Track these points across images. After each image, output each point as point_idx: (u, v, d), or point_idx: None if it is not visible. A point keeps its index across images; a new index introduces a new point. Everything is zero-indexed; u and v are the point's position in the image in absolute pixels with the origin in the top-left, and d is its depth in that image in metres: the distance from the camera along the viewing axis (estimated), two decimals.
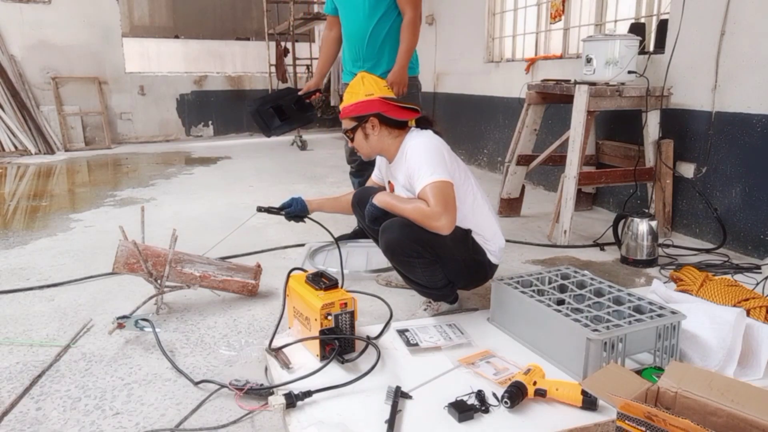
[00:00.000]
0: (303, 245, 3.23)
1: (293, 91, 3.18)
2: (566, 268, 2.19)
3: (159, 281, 2.32)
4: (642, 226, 2.89)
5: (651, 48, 3.73)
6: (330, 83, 8.43)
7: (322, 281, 1.91)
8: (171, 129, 8.85)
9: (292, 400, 1.57)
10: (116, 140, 8.29)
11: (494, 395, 1.63)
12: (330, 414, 1.57)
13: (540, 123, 3.91)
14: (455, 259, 2.10)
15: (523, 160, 3.94)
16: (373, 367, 1.73)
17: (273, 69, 8.70)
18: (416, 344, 1.95)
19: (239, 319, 2.31)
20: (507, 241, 2.28)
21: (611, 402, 1.32)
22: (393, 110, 2.14)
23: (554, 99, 3.74)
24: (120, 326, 2.07)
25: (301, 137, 7.66)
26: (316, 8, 8.64)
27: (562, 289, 2.06)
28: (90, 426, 1.61)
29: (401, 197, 2.11)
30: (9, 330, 2.21)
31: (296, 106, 3.15)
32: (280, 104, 3.11)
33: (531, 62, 4.92)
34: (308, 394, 1.60)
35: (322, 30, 10.29)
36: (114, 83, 8.23)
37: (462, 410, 1.54)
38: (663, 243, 3.14)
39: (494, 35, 5.69)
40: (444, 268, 2.11)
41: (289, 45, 7.89)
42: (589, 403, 1.56)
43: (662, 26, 3.57)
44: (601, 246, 3.23)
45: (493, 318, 2.16)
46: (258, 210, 2.39)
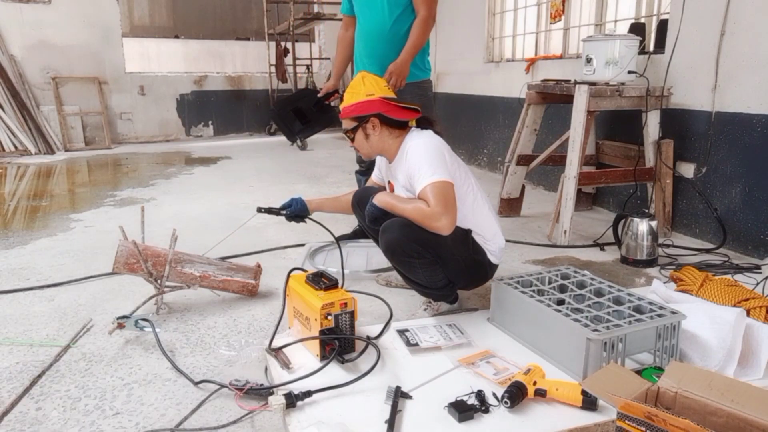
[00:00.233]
0: (303, 245, 3.23)
1: (312, 93, 3.15)
2: (566, 268, 2.20)
3: (159, 281, 2.32)
4: (642, 226, 2.89)
5: (651, 48, 3.73)
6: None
7: (322, 281, 1.91)
8: (171, 129, 8.85)
9: (292, 400, 1.58)
10: (116, 140, 8.28)
11: (494, 395, 1.63)
12: (330, 414, 1.57)
13: (540, 123, 3.91)
14: (455, 259, 2.10)
15: (523, 160, 3.94)
16: (373, 367, 1.73)
17: (273, 69, 8.70)
18: (416, 344, 1.95)
19: (239, 319, 2.31)
20: (507, 241, 2.28)
21: (611, 402, 1.32)
22: (394, 110, 2.14)
23: (554, 99, 3.74)
24: (120, 326, 2.07)
25: (301, 138, 7.65)
26: (316, 8, 8.65)
27: (562, 289, 2.06)
28: (90, 426, 1.61)
29: (401, 197, 2.11)
30: (9, 330, 2.21)
31: (316, 108, 3.13)
32: (300, 107, 3.09)
33: (531, 62, 4.92)
34: (308, 394, 1.60)
35: (322, 30, 10.31)
36: (114, 83, 8.22)
37: (462, 410, 1.54)
38: (663, 243, 3.14)
39: (494, 35, 5.69)
40: (444, 268, 2.11)
41: (289, 45, 7.90)
42: (589, 403, 1.56)
43: (662, 26, 3.57)
44: (601, 246, 3.23)
45: (493, 318, 2.16)
46: (258, 211, 2.39)
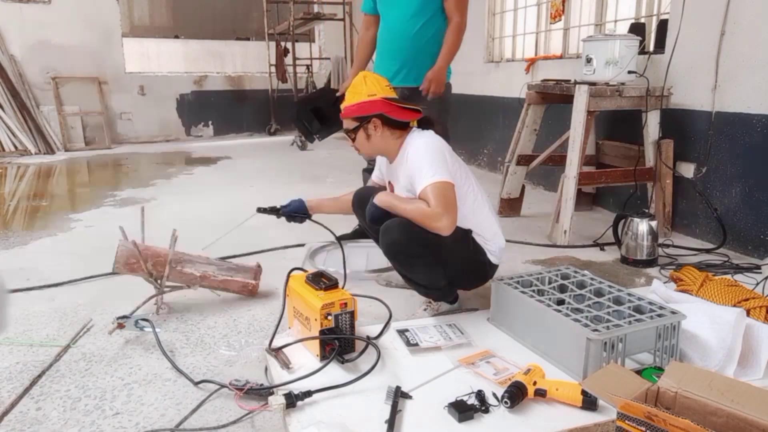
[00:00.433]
0: (303, 245, 3.23)
1: (331, 92, 3.13)
2: (566, 268, 2.20)
3: (159, 281, 2.32)
4: (642, 226, 2.89)
5: (651, 48, 3.73)
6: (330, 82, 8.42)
7: (322, 281, 1.91)
8: (171, 129, 8.85)
9: (292, 400, 1.58)
10: (116, 140, 8.28)
11: (494, 395, 1.63)
12: (330, 414, 1.57)
13: (540, 123, 3.91)
14: (456, 260, 2.10)
15: (523, 160, 3.94)
16: (373, 367, 1.73)
17: (273, 69, 8.70)
18: (416, 344, 1.95)
19: (239, 319, 2.31)
20: (507, 241, 2.28)
21: (611, 402, 1.32)
22: (395, 111, 2.13)
23: (554, 99, 3.74)
24: (120, 326, 2.07)
25: (301, 137, 7.65)
26: (316, 8, 8.64)
27: (562, 289, 2.06)
28: (90, 426, 1.61)
29: (402, 197, 2.11)
30: (9, 330, 2.21)
31: (335, 108, 3.13)
32: (319, 106, 3.07)
33: (531, 62, 4.92)
34: (308, 394, 1.60)
35: (322, 30, 10.31)
36: (114, 83, 8.22)
37: (462, 410, 1.54)
38: (663, 243, 3.14)
39: (494, 35, 5.69)
40: (444, 269, 2.11)
41: (289, 45, 7.89)
42: (589, 403, 1.56)
43: (662, 26, 3.57)
44: (601, 246, 3.23)
45: (493, 318, 2.16)
46: (258, 211, 2.39)
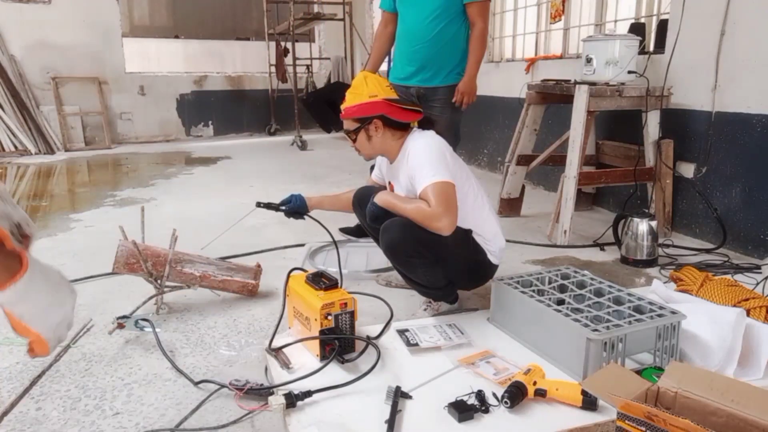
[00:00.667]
0: (303, 245, 3.23)
1: (345, 87, 3.16)
2: (566, 268, 2.19)
3: (159, 281, 2.32)
4: (642, 226, 2.89)
5: (651, 48, 3.73)
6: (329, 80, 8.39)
7: (322, 281, 1.91)
8: (171, 129, 8.85)
9: (292, 400, 1.57)
10: (116, 140, 8.28)
11: (494, 395, 1.63)
12: (330, 414, 1.57)
13: (540, 123, 3.91)
14: (456, 260, 2.10)
15: (523, 160, 3.94)
16: (373, 367, 1.73)
17: (273, 69, 8.69)
18: (416, 344, 1.95)
19: (239, 319, 2.31)
20: (507, 241, 2.28)
21: (611, 402, 1.32)
22: (396, 112, 2.13)
23: (554, 99, 3.74)
24: (120, 326, 2.07)
25: (301, 137, 7.65)
26: (316, 8, 8.64)
27: (562, 289, 2.06)
28: (90, 426, 1.61)
29: (403, 197, 2.11)
30: (9, 330, 2.21)
31: None
32: (334, 99, 3.09)
33: (531, 62, 4.92)
34: (308, 394, 1.60)
35: (322, 30, 10.29)
36: (114, 83, 8.22)
37: (462, 410, 1.54)
38: (663, 243, 3.14)
39: (494, 35, 5.69)
40: (444, 268, 2.11)
41: (289, 45, 7.89)
42: (589, 403, 1.56)
43: (662, 26, 3.57)
44: (601, 246, 3.23)
45: (493, 318, 2.16)
46: (257, 205, 2.37)
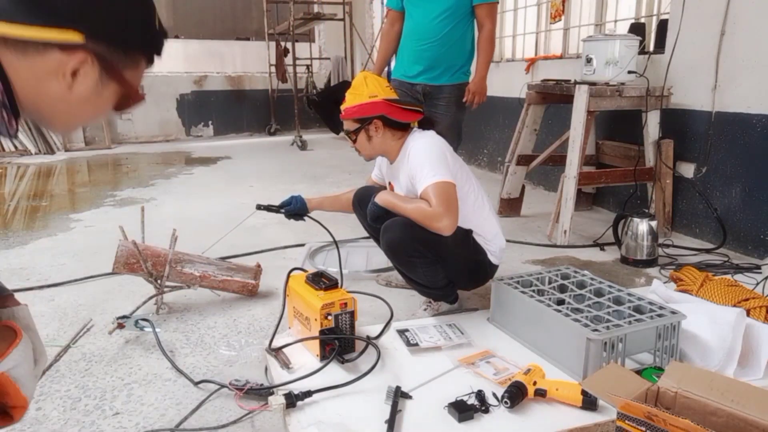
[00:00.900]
0: (303, 245, 3.23)
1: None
2: (566, 268, 2.19)
3: (159, 281, 2.32)
4: (642, 226, 2.89)
5: (651, 48, 3.73)
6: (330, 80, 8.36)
7: (322, 281, 1.91)
8: (171, 129, 8.85)
9: (292, 400, 1.58)
10: (116, 140, 8.28)
11: (494, 395, 1.63)
12: (330, 414, 1.57)
13: (540, 123, 3.91)
14: (456, 260, 2.10)
15: (523, 160, 3.94)
16: (373, 367, 1.73)
17: (273, 69, 8.69)
18: (416, 344, 1.95)
19: (239, 319, 2.31)
20: (507, 241, 2.28)
21: (611, 402, 1.32)
22: (396, 112, 2.13)
23: (554, 99, 3.74)
24: (120, 326, 2.07)
25: (301, 137, 7.65)
26: (316, 8, 8.63)
27: (562, 289, 2.06)
28: (90, 426, 1.61)
29: (403, 196, 2.11)
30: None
31: None
32: (339, 99, 3.09)
33: (531, 62, 4.92)
34: (308, 394, 1.60)
35: (322, 30, 10.27)
36: None
37: (462, 410, 1.54)
38: (663, 243, 3.14)
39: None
40: (445, 268, 2.11)
41: (289, 45, 7.89)
42: (589, 403, 1.56)
43: (662, 26, 3.57)
44: (601, 246, 3.23)
45: (493, 318, 2.16)
46: (257, 208, 2.38)
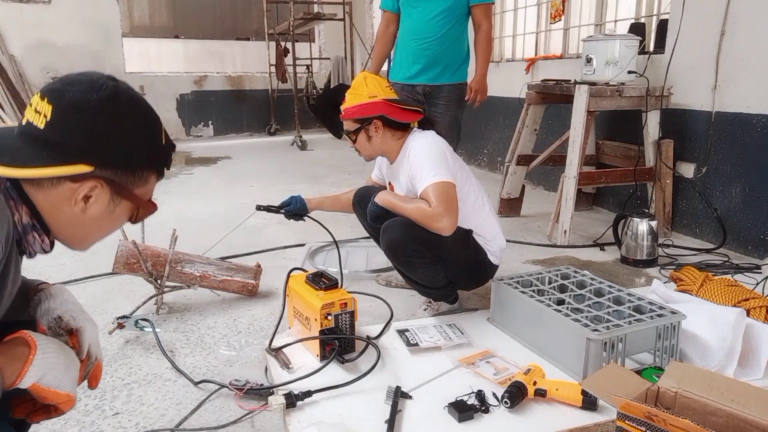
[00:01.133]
0: (303, 245, 3.23)
1: (346, 89, 3.17)
2: (566, 268, 2.19)
3: (159, 281, 2.32)
4: (642, 226, 2.89)
5: (651, 48, 3.73)
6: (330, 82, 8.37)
7: (322, 281, 1.91)
8: (171, 129, 8.84)
9: (292, 400, 1.58)
10: None
11: (494, 395, 1.63)
12: (330, 414, 1.57)
13: (540, 123, 3.91)
14: (456, 260, 2.10)
15: (523, 160, 3.94)
16: (373, 367, 1.73)
17: (273, 69, 8.69)
18: (416, 344, 1.95)
19: (239, 319, 2.31)
20: (507, 241, 2.28)
21: (611, 402, 1.32)
22: (396, 112, 2.13)
23: (554, 99, 3.74)
24: (120, 326, 2.07)
25: (301, 137, 7.65)
26: (316, 8, 8.63)
27: (562, 289, 2.06)
28: (90, 426, 1.61)
29: (403, 197, 2.11)
30: None
31: None
32: (338, 102, 3.09)
33: (531, 62, 4.92)
34: (308, 394, 1.60)
35: (322, 30, 10.27)
36: None
37: (462, 410, 1.54)
38: (663, 243, 3.14)
39: (494, 35, 5.68)
40: (445, 268, 2.11)
41: (289, 45, 7.89)
42: (589, 403, 1.56)
43: (662, 26, 3.57)
44: (601, 246, 3.23)
45: (493, 318, 2.16)
46: (257, 208, 2.38)
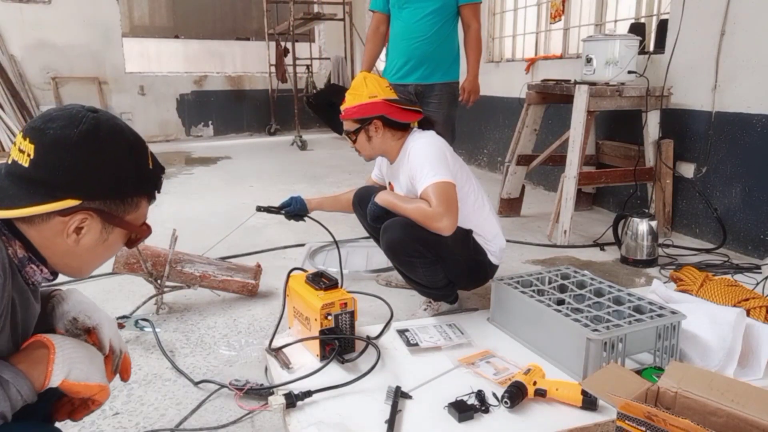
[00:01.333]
0: (303, 245, 3.23)
1: (343, 90, 3.18)
2: (566, 268, 2.19)
3: (159, 281, 2.32)
4: (642, 226, 2.89)
5: (651, 48, 3.73)
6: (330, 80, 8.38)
7: (322, 281, 1.91)
8: (171, 129, 8.85)
9: (292, 400, 1.58)
10: None
11: (494, 395, 1.63)
12: (330, 414, 1.57)
13: (540, 123, 3.91)
14: (456, 260, 2.10)
15: (523, 160, 3.94)
16: (373, 367, 1.73)
17: (273, 69, 8.69)
18: (416, 344, 1.95)
19: (239, 319, 2.31)
20: (507, 241, 2.28)
21: (611, 402, 1.32)
22: (396, 112, 2.13)
23: (554, 99, 3.74)
24: (120, 326, 2.06)
25: (301, 137, 7.65)
26: (316, 8, 8.63)
27: (562, 289, 2.06)
28: (90, 426, 1.61)
29: (403, 196, 2.11)
30: None
31: None
32: (334, 101, 3.11)
33: (531, 62, 4.92)
34: (308, 394, 1.60)
35: (322, 30, 10.28)
36: (114, 83, 8.22)
37: (462, 410, 1.54)
38: (663, 243, 3.14)
39: (494, 35, 5.69)
40: (445, 268, 2.11)
41: (289, 45, 7.89)
42: (589, 403, 1.56)
43: (662, 26, 3.57)
44: (601, 246, 3.23)
45: (493, 318, 2.16)
46: (257, 209, 2.38)
